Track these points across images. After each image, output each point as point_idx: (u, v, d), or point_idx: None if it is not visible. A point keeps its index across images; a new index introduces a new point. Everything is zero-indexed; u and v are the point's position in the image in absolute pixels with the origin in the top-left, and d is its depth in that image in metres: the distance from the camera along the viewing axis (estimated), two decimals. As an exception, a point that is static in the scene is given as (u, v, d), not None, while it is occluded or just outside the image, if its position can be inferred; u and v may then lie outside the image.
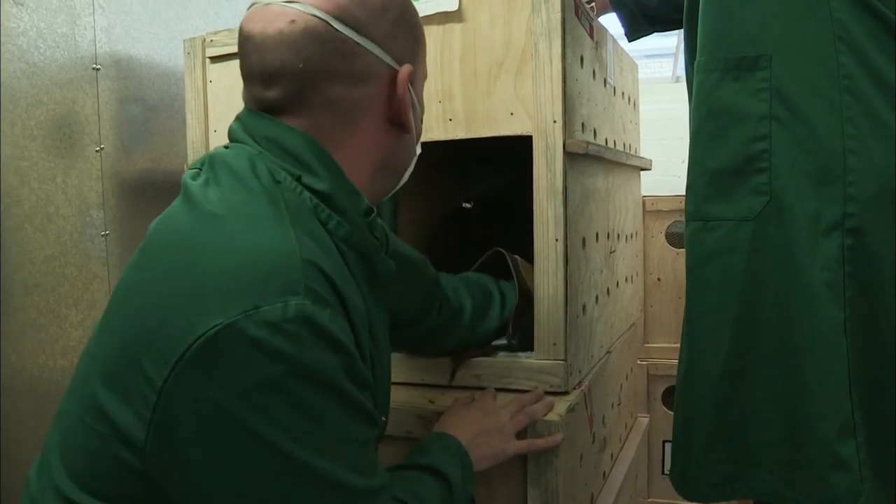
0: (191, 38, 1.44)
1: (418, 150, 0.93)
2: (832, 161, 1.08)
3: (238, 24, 0.82)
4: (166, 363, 0.64)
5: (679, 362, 1.22)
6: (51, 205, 1.48)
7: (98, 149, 1.62)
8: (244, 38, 0.80)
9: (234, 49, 1.39)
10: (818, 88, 1.08)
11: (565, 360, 1.13)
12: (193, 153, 1.44)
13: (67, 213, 1.54)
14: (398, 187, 0.94)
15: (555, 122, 1.10)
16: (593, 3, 1.58)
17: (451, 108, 1.19)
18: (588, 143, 1.15)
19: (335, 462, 0.69)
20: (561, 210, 1.11)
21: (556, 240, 1.12)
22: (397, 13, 0.83)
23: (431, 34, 1.18)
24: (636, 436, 1.72)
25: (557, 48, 1.10)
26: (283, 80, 0.77)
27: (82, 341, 1.55)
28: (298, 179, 0.77)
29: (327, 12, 0.77)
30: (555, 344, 1.13)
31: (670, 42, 3.54)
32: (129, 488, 0.69)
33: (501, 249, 1.26)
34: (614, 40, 1.50)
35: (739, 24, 1.12)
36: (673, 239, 2.12)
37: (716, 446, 1.16)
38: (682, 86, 1.31)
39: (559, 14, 1.09)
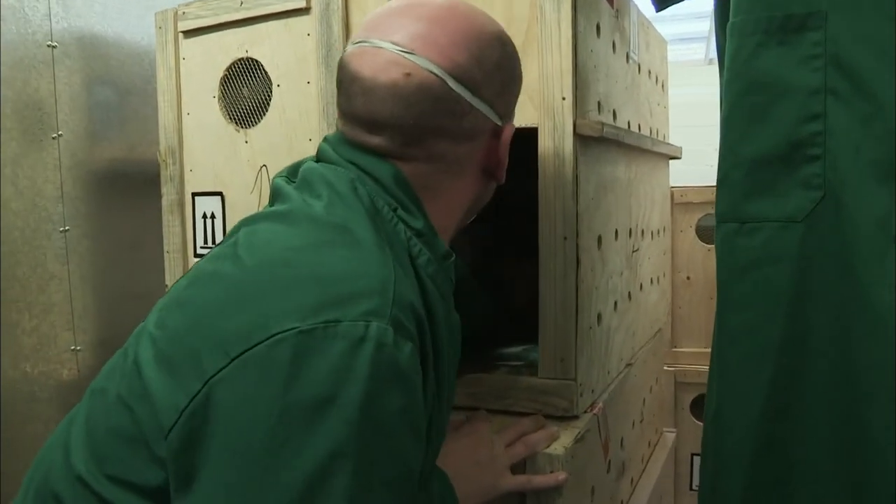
0: (162, 11, 1.29)
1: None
2: None
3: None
4: (226, 354, 0.61)
5: (708, 397, 1.02)
6: (-2, 195, 1.34)
7: (55, 136, 1.46)
8: (350, 78, 0.77)
9: (209, 22, 1.27)
10: (887, 54, 0.87)
11: (575, 379, 0.97)
12: (166, 139, 1.30)
13: (18, 207, 1.39)
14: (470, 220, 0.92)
15: (564, 99, 0.94)
16: (614, -33, 1.40)
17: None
18: (604, 124, 0.98)
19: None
20: (571, 203, 0.95)
21: (565, 238, 0.95)
22: (509, 71, 0.82)
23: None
24: (661, 454, 1.55)
25: (567, 12, 0.93)
26: (389, 130, 0.76)
27: (36, 349, 1.41)
28: (395, 211, 0.76)
29: (445, 70, 0.75)
30: (562, 360, 0.97)
31: (703, 26, 3.38)
32: (147, 478, 0.64)
33: None
34: (640, 12, 1.33)
35: None
36: (704, 233, 1.94)
37: (754, 501, 0.96)
38: (716, 69, 1.12)
39: (569, -29, 0.92)
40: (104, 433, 0.68)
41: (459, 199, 0.83)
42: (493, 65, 0.79)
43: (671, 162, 1.69)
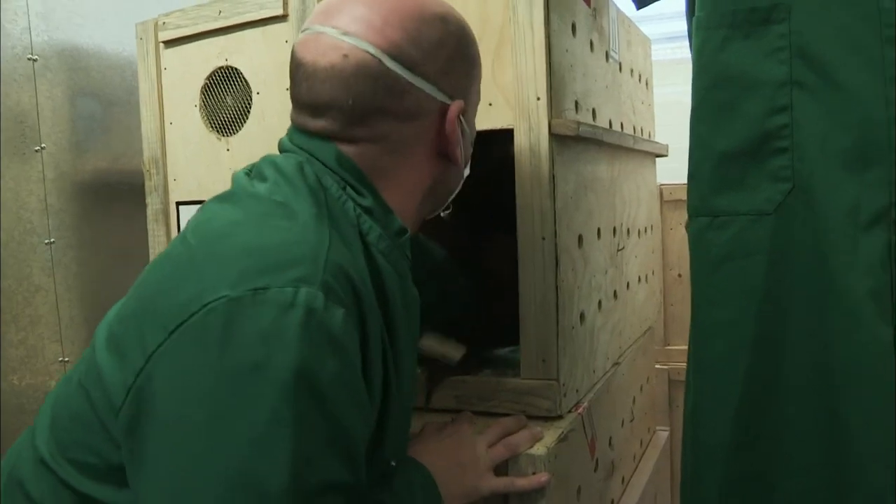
0: (143, 22, 1.30)
1: (467, 172, 0.90)
2: (874, 135, 0.88)
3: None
4: (165, 329, 0.62)
5: (686, 393, 1.01)
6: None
7: (38, 148, 1.46)
8: (295, 65, 0.79)
9: (189, 31, 1.27)
10: (853, 43, 0.87)
11: (557, 379, 0.97)
12: (149, 149, 1.30)
13: (3, 220, 1.39)
14: (442, 207, 0.91)
15: (538, 99, 0.94)
16: (591, -34, 1.40)
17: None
18: (580, 123, 0.98)
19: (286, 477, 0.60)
20: (548, 203, 0.95)
21: (543, 238, 0.95)
22: (452, 49, 0.81)
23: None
24: (654, 452, 1.55)
25: (540, 12, 0.93)
26: (331, 112, 0.77)
27: (24, 361, 1.40)
28: (344, 189, 0.76)
29: (381, 49, 0.75)
30: (544, 361, 0.97)
31: (693, 23, 3.36)
32: (108, 459, 0.66)
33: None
34: (619, 10, 1.33)
35: None
36: (695, 231, 1.94)
37: (733, 496, 0.95)
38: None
39: (540, -29, 0.92)
40: (66, 418, 0.71)
41: (414, 181, 0.82)
42: (434, 43, 0.78)
43: (662, 160, 1.69)
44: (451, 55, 0.80)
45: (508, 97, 0.96)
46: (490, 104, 0.97)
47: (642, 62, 1.54)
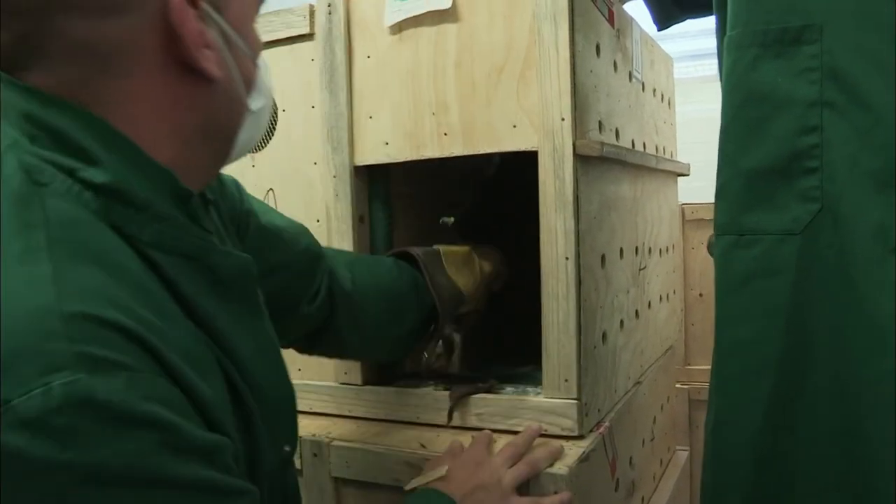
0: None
1: (259, 102, 0.68)
2: None
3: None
4: None
5: (707, 411, 1.01)
6: None
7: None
8: None
9: None
10: (883, 64, 0.86)
11: (579, 398, 0.97)
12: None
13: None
14: (234, 155, 0.69)
15: (563, 119, 0.94)
16: (615, -14, 1.41)
17: (445, 121, 1.03)
18: (604, 143, 0.98)
19: None
20: (572, 223, 0.95)
21: (567, 258, 0.95)
22: None
23: (423, 37, 1.04)
24: (674, 472, 1.54)
25: (565, 33, 0.94)
26: (7, 16, 0.53)
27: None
28: (72, 175, 0.54)
29: None
30: (566, 380, 0.97)
31: (713, 42, 3.35)
32: None
33: (410, 250, 1.06)
34: (642, 30, 1.33)
35: None
36: (716, 250, 1.93)
37: None
38: (727, 84, 1.12)
39: (566, -7, 0.93)
40: None
41: (154, 111, 0.58)
42: None
43: (683, 178, 1.69)
44: None
45: (533, 119, 0.96)
46: (514, 126, 0.98)
47: (664, 81, 1.55)
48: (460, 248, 1.11)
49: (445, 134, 1.03)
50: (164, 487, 0.49)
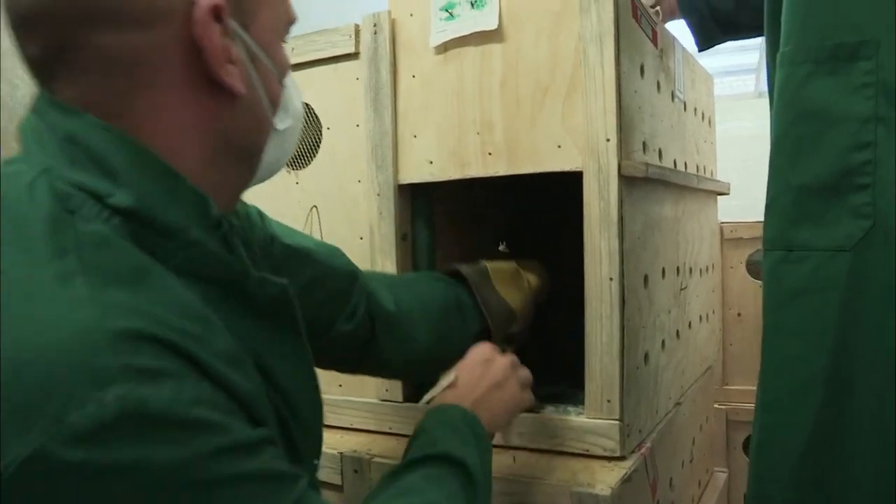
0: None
1: (285, 122, 0.69)
2: None
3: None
4: None
5: (753, 428, 1.00)
6: None
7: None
8: None
9: None
10: None
11: (621, 419, 0.96)
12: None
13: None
14: (259, 177, 0.70)
15: (608, 140, 0.94)
16: (657, 7, 1.41)
17: (490, 140, 1.03)
18: (649, 164, 0.98)
19: None
20: (616, 244, 0.95)
21: (611, 279, 0.95)
22: None
23: (468, 57, 1.05)
24: (712, 494, 1.53)
25: (610, 54, 0.94)
26: (38, 28, 0.55)
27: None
28: (101, 200, 0.54)
29: None
30: (609, 401, 0.97)
31: (752, 58, 3.34)
32: None
33: (459, 268, 1.06)
34: (684, 49, 1.33)
35: (834, 3, 0.90)
36: (754, 269, 1.91)
37: None
38: (766, 101, 1.11)
39: (611, 14, 0.93)
40: None
41: (177, 125, 0.59)
42: None
43: (720, 196, 1.68)
44: None
45: (577, 139, 0.97)
46: (559, 146, 0.98)
47: (705, 100, 1.54)
48: (507, 265, 1.11)
49: (490, 153, 1.03)
50: (224, 486, 0.50)
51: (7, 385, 0.45)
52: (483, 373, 0.87)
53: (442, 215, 1.20)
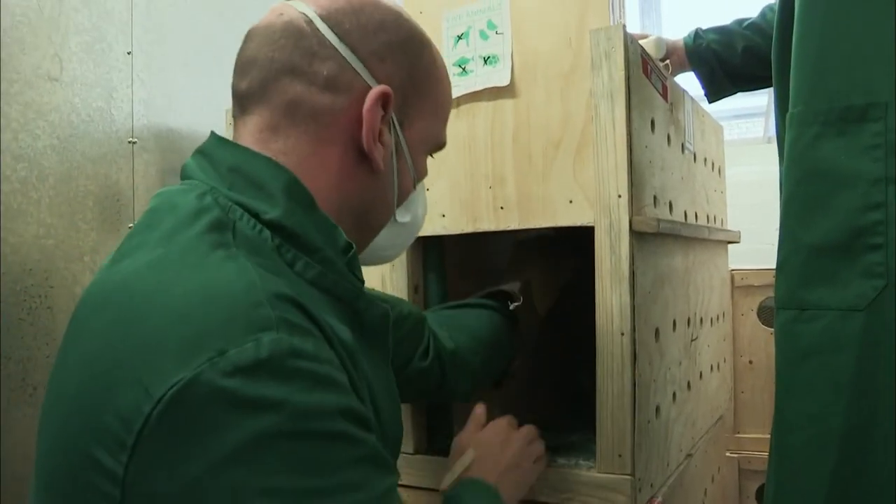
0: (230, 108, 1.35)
1: (405, 217, 0.79)
2: None
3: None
4: (123, 446, 0.51)
5: (766, 486, 1.00)
6: (77, 285, 1.38)
7: (131, 224, 1.52)
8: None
9: None
10: None
11: (632, 474, 0.96)
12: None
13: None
14: (366, 257, 0.79)
15: (619, 196, 0.95)
16: (667, 61, 1.43)
17: (502, 195, 1.05)
18: (660, 220, 0.99)
19: None
20: (627, 299, 0.95)
21: (622, 334, 0.96)
22: (393, 37, 0.74)
23: (480, 112, 1.07)
24: (725, 545, 1.51)
25: (622, 110, 0.95)
26: (254, 69, 0.71)
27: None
28: (256, 216, 0.65)
29: (315, 10, 0.72)
30: (620, 456, 0.96)
31: (760, 101, 3.34)
32: None
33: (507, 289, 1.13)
34: (694, 101, 1.35)
35: (844, 67, 0.92)
36: (766, 316, 1.91)
37: None
38: (775, 146, 1.12)
39: (622, 72, 0.95)
40: None
41: (328, 176, 0.71)
42: (375, 24, 0.73)
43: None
44: (390, 42, 0.74)
45: (588, 194, 0.98)
46: (570, 201, 0.99)
47: (715, 150, 1.56)
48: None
49: (502, 207, 1.04)
50: (344, 441, 0.56)
51: (179, 322, 0.54)
52: (500, 454, 0.93)
53: (455, 266, 1.20)
